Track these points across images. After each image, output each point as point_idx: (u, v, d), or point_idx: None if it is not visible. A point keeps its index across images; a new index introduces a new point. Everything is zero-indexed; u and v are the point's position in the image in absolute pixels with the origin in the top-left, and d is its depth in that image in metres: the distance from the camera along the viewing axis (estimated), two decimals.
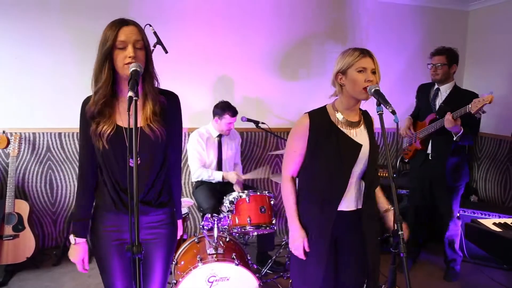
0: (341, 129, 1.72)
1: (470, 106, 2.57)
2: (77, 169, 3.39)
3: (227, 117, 3.20)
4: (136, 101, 1.29)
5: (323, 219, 1.72)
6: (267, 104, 3.82)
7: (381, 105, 1.53)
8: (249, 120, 3.42)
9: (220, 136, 3.34)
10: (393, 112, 1.45)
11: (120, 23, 1.43)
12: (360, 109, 1.80)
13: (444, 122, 2.78)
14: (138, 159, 1.50)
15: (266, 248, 3.31)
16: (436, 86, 3.10)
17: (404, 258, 1.36)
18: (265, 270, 3.05)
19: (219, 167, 3.35)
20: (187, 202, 2.67)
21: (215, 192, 3.20)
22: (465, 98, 2.96)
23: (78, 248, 1.59)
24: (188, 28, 3.52)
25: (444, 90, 3.07)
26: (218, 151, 3.34)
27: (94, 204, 1.62)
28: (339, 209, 1.72)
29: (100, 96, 1.45)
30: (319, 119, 1.75)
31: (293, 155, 1.79)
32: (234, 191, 3.19)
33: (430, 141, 3.07)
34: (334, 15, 3.83)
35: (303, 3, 3.73)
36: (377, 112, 1.55)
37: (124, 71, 1.42)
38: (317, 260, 1.74)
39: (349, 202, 1.73)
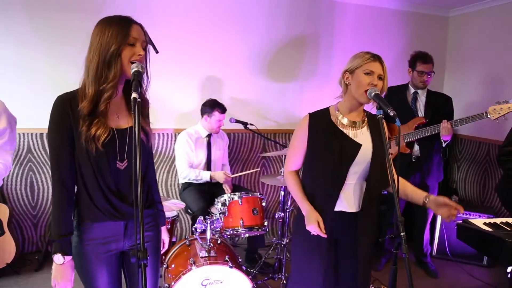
0: (341, 129, 1.75)
1: (487, 112, 2.60)
2: None
3: (216, 114, 3.18)
4: (138, 102, 1.26)
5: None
6: (254, 105, 3.82)
7: (381, 109, 1.56)
8: (237, 121, 3.42)
9: (209, 136, 3.32)
10: (395, 116, 1.48)
11: (128, 20, 1.40)
12: (365, 111, 1.83)
13: (438, 128, 2.86)
14: (126, 161, 1.47)
15: (257, 245, 3.30)
16: (413, 90, 3.20)
17: (406, 258, 1.39)
18: (255, 272, 3.05)
19: (208, 167, 3.33)
20: (178, 205, 2.64)
21: (203, 193, 3.18)
22: (441, 101, 3.16)
23: (67, 267, 1.41)
24: (174, 28, 3.47)
25: (422, 94, 3.18)
26: (207, 151, 3.32)
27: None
28: (338, 209, 1.74)
29: (109, 95, 1.38)
30: (319, 119, 1.78)
31: (293, 151, 1.87)
32: (222, 191, 3.20)
33: (415, 143, 3.16)
34: (320, 19, 3.87)
35: (292, 5, 3.75)
36: (377, 116, 1.58)
37: (128, 69, 1.37)
38: (317, 261, 1.76)
39: (348, 203, 1.75)
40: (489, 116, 2.57)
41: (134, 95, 1.26)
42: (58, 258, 1.39)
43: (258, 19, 3.68)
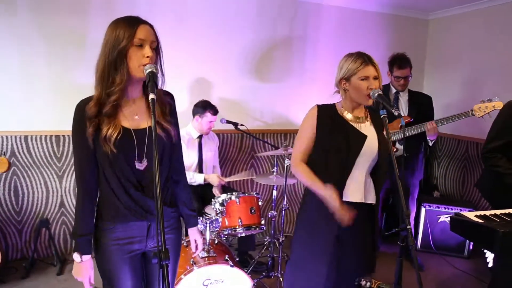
0: (348, 121, 1.82)
1: (473, 110, 2.73)
2: (45, 175, 3.27)
3: (208, 115, 3.19)
4: (154, 101, 1.27)
5: (328, 207, 1.77)
6: (244, 106, 3.84)
7: (385, 108, 1.63)
8: (228, 122, 3.43)
9: (200, 137, 3.32)
10: (399, 115, 1.55)
11: (136, 21, 1.38)
12: (366, 107, 1.89)
13: (423, 127, 2.97)
14: (146, 160, 1.48)
15: (247, 248, 3.34)
16: (394, 90, 3.32)
17: (413, 250, 1.46)
18: (249, 271, 3.08)
19: (200, 168, 3.33)
20: None
21: (196, 195, 3.18)
22: (423, 101, 3.30)
23: (85, 266, 1.46)
24: (163, 29, 3.44)
25: (404, 94, 3.31)
26: (198, 153, 3.32)
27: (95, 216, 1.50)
28: (344, 199, 1.78)
29: (115, 98, 1.38)
30: (327, 110, 1.84)
31: (301, 142, 1.88)
32: (212, 193, 3.21)
33: (398, 143, 3.27)
34: (306, 21, 3.94)
35: (279, 7, 3.80)
36: (381, 115, 1.64)
37: (138, 72, 1.37)
38: (321, 255, 1.81)
39: (355, 193, 1.80)
40: (474, 114, 2.70)
41: (151, 96, 1.27)
42: (76, 257, 1.43)
43: (246, 20, 3.71)
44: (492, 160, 2.31)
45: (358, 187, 1.81)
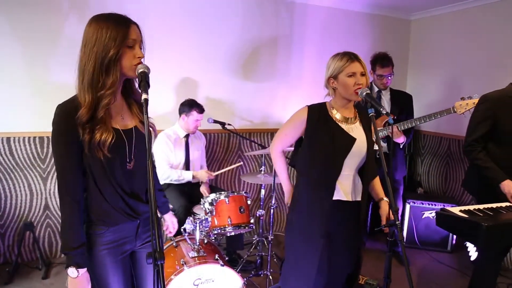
0: (338, 123, 1.84)
1: (454, 107, 2.80)
2: (29, 177, 3.20)
3: (194, 114, 3.18)
4: (147, 101, 1.26)
5: (319, 206, 1.83)
6: (230, 106, 3.85)
7: (373, 107, 1.67)
8: (215, 121, 3.43)
9: (187, 136, 3.31)
10: (387, 114, 1.59)
11: (127, 21, 1.35)
12: (355, 107, 1.93)
13: (406, 124, 3.04)
14: (134, 160, 1.47)
15: (236, 247, 3.35)
16: (376, 89, 3.38)
17: (402, 245, 1.50)
18: (238, 270, 3.09)
19: (187, 167, 3.33)
20: None
21: (184, 193, 3.17)
22: (404, 99, 3.38)
23: (83, 280, 1.36)
24: (148, 29, 3.41)
25: (386, 93, 3.37)
26: (185, 152, 3.31)
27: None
28: (335, 198, 1.83)
29: (107, 102, 1.34)
30: (317, 112, 1.87)
31: (284, 136, 2.00)
32: (200, 193, 3.21)
33: (382, 140, 3.33)
34: (292, 20, 3.97)
35: (265, 7, 3.82)
36: (369, 114, 1.68)
37: (130, 72, 1.35)
38: (313, 252, 1.84)
39: (344, 192, 1.84)
40: (456, 111, 2.78)
41: (144, 96, 1.26)
42: (72, 272, 1.34)
43: (232, 20, 3.71)
44: (473, 153, 2.38)
45: (347, 186, 1.85)
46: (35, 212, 3.30)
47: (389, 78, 3.28)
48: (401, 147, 3.21)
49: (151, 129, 1.48)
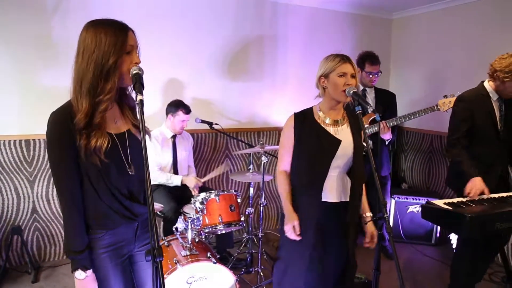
0: (323, 126, 1.90)
1: (438, 105, 2.88)
2: (15, 181, 3.17)
3: (180, 114, 3.20)
4: (142, 102, 1.29)
5: (309, 209, 1.87)
6: (217, 106, 3.87)
7: (360, 105, 1.73)
8: (203, 121, 3.46)
9: (174, 137, 3.33)
10: (374, 111, 1.65)
11: (125, 28, 1.38)
12: (345, 109, 1.98)
13: (392, 122, 3.12)
14: (132, 164, 1.50)
15: (226, 246, 3.38)
16: (361, 88, 3.46)
17: (391, 236, 1.56)
18: (229, 267, 3.12)
19: (175, 168, 3.34)
20: (157, 207, 2.63)
21: (173, 195, 3.19)
22: (388, 97, 3.48)
23: (90, 281, 1.40)
24: (135, 30, 3.41)
25: (370, 91, 3.46)
26: (173, 152, 3.33)
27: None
28: (323, 199, 1.88)
29: (105, 107, 1.35)
30: (304, 118, 1.92)
31: (282, 151, 2.00)
32: (191, 194, 3.22)
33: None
34: (277, 21, 4.02)
35: (251, 8, 3.85)
36: (356, 111, 1.74)
37: (127, 78, 1.37)
38: (305, 248, 1.89)
39: (332, 194, 1.90)
40: (439, 109, 2.87)
41: (139, 97, 1.29)
42: (80, 274, 1.37)
43: (218, 21, 3.74)
44: (454, 151, 2.46)
45: (335, 188, 1.90)
46: (23, 215, 3.26)
47: (377, 76, 3.36)
48: (386, 143, 3.31)
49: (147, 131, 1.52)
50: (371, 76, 3.34)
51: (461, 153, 2.41)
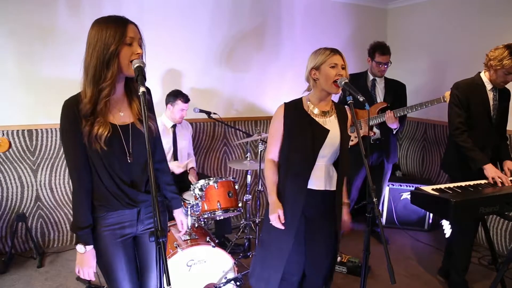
0: (312, 117, 1.97)
1: (444, 97, 2.93)
2: (19, 170, 3.26)
3: (179, 103, 3.28)
4: (145, 94, 1.36)
5: (295, 193, 1.95)
6: (215, 95, 3.94)
7: (351, 95, 1.81)
8: (201, 111, 3.53)
9: (174, 126, 3.41)
10: (364, 101, 1.73)
11: (125, 21, 1.46)
12: (333, 101, 2.06)
13: (399, 112, 3.19)
14: (132, 154, 1.58)
15: (224, 232, 3.49)
16: (371, 77, 3.50)
17: (379, 219, 1.66)
18: (228, 252, 3.23)
19: (175, 156, 3.43)
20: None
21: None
22: (398, 88, 3.50)
23: (89, 256, 1.56)
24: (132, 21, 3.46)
25: (380, 81, 3.50)
26: (173, 141, 3.41)
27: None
28: (309, 187, 1.96)
29: (106, 93, 1.45)
30: (294, 107, 1.99)
31: (271, 139, 2.05)
32: (189, 180, 3.32)
33: (375, 127, 3.48)
34: (274, 11, 4.07)
35: None
36: (348, 101, 1.82)
37: (128, 69, 1.45)
38: (287, 231, 1.96)
39: (318, 182, 1.98)
40: (445, 100, 2.90)
41: (142, 89, 1.36)
42: (80, 248, 1.54)
43: (216, 12, 3.79)
44: (463, 136, 2.56)
45: (321, 177, 1.98)
46: (27, 203, 3.36)
47: (386, 66, 3.41)
48: (393, 133, 3.36)
49: (151, 125, 1.61)
50: (380, 66, 3.37)
51: (468, 140, 2.53)
